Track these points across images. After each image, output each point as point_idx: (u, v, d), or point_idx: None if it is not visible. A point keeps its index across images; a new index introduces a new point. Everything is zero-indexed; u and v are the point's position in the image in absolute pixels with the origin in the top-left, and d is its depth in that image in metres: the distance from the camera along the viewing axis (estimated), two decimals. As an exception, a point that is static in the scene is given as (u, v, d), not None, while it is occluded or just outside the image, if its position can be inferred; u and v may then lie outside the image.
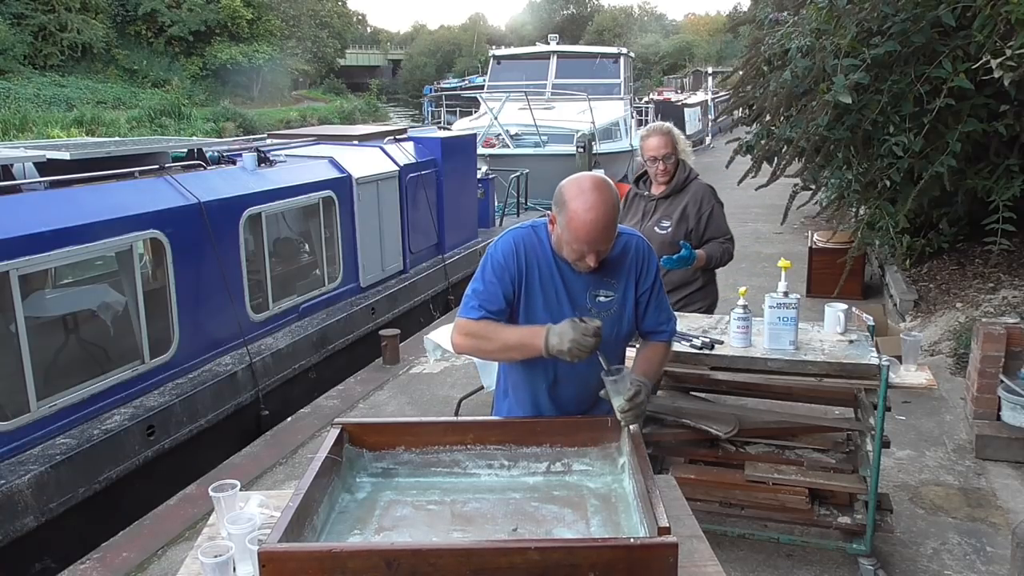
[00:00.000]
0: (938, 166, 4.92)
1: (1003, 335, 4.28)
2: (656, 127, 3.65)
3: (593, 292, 2.14)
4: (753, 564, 3.28)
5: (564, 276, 2.14)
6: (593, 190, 1.99)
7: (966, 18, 4.63)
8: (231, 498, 1.92)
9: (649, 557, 1.53)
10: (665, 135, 3.58)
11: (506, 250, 2.14)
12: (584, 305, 2.14)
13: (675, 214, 3.58)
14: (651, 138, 3.57)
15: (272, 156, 6.52)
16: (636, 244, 2.21)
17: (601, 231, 1.99)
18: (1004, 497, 3.82)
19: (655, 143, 3.57)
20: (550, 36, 19.08)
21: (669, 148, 3.57)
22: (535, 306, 2.14)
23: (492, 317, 2.12)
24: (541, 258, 2.14)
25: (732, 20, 29.32)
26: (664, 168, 3.57)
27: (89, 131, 26.66)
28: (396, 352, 6.17)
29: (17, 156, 4.91)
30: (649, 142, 3.58)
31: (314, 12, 50.27)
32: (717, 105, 29.95)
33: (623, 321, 2.21)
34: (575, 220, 1.98)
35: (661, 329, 2.30)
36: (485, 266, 2.16)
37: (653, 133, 3.59)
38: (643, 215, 3.63)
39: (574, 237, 2.01)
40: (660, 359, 2.32)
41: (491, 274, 2.14)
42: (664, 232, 3.56)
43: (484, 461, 2.07)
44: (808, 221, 9.71)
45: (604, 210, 1.98)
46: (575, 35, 56.46)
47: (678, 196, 3.61)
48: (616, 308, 2.18)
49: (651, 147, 3.57)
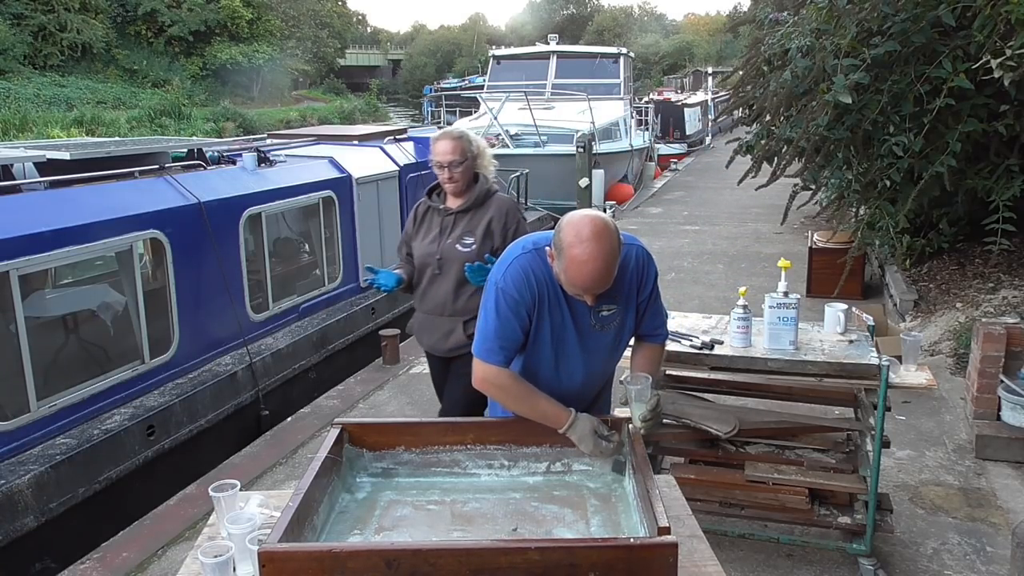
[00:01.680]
0: (938, 166, 4.92)
1: (1003, 335, 4.28)
2: (448, 131, 3.25)
3: (596, 309, 2.13)
4: (753, 564, 3.28)
5: (569, 300, 2.12)
6: (592, 239, 1.91)
7: (966, 18, 4.63)
8: (231, 498, 1.92)
9: (649, 557, 1.54)
10: (456, 140, 3.16)
11: (518, 283, 2.09)
12: (589, 323, 2.15)
13: (478, 230, 3.18)
14: (440, 142, 3.15)
15: (272, 156, 6.52)
16: (636, 255, 2.18)
17: (599, 280, 1.96)
18: (1004, 497, 3.82)
19: (443, 147, 3.14)
20: (550, 36, 19.05)
21: (458, 154, 3.13)
22: (544, 331, 2.15)
23: (512, 357, 2.14)
24: (549, 285, 2.11)
25: (732, 20, 29.33)
26: (450, 176, 3.14)
27: (89, 131, 26.64)
28: (396, 352, 6.17)
29: (17, 156, 4.91)
30: (437, 146, 3.15)
31: (314, 12, 50.25)
32: (717, 105, 29.94)
33: (625, 331, 2.25)
34: (572, 267, 1.95)
35: (657, 332, 2.35)
36: (499, 300, 2.10)
37: (443, 136, 3.17)
38: (441, 230, 3.21)
39: (570, 282, 1.99)
40: (659, 360, 2.37)
41: (506, 310, 2.09)
42: (468, 250, 3.15)
43: (484, 461, 2.07)
44: (808, 221, 9.71)
45: (603, 261, 1.93)
46: (575, 35, 56.43)
47: (480, 211, 3.21)
48: (619, 320, 2.19)
49: (438, 151, 3.15)
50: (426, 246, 3.23)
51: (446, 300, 3.22)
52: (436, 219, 3.25)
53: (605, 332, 2.18)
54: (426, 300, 3.28)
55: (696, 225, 11.83)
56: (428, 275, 3.23)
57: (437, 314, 3.25)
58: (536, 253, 2.11)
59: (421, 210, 3.32)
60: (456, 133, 3.21)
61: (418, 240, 3.27)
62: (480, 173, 3.26)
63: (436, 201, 3.29)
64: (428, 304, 3.27)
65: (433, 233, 3.23)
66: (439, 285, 3.21)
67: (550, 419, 2.07)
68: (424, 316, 3.31)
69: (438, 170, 3.16)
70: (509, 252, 2.17)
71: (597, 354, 2.22)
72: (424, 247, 3.23)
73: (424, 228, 3.28)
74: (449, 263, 3.17)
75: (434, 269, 3.20)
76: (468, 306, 3.15)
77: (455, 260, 3.16)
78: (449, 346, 3.24)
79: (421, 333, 3.37)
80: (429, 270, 3.22)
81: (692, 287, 8.17)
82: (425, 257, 3.22)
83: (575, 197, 12.36)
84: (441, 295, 3.22)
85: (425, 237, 3.24)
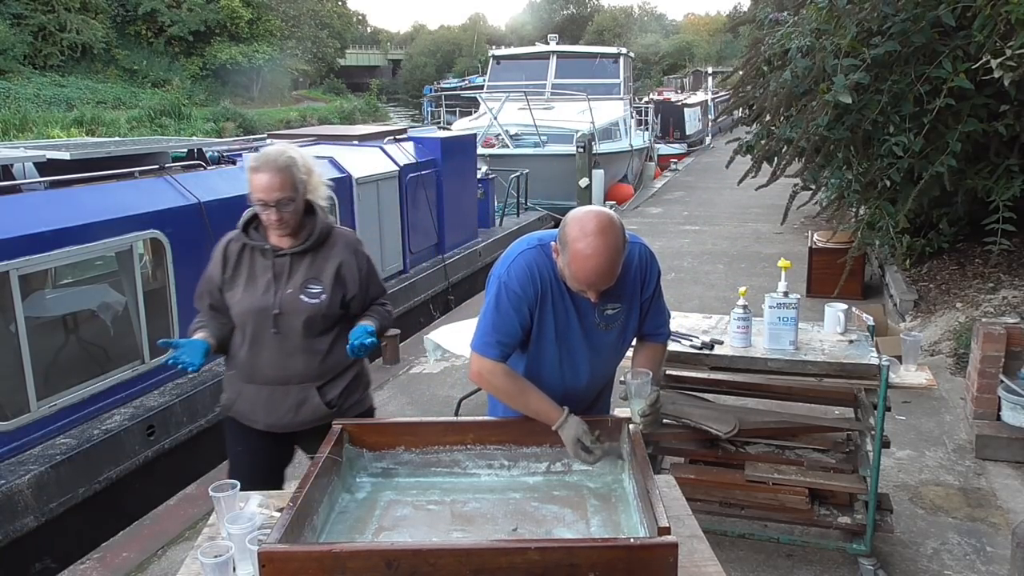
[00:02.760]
0: (938, 166, 4.92)
1: (1003, 335, 4.28)
2: (268, 159, 2.41)
3: (601, 307, 2.14)
4: (753, 564, 3.28)
5: (574, 297, 2.12)
6: (597, 234, 1.91)
7: (966, 18, 4.63)
8: (231, 498, 1.92)
9: (649, 557, 1.54)
10: (282, 171, 2.40)
11: (521, 279, 2.08)
12: (593, 321, 2.15)
13: (325, 275, 2.53)
14: (260, 174, 2.39)
15: (272, 156, 6.51)
16: (639, 253, 2.19)
17: (603, 276, 1.96)
18: (1004, 497, 3.82)
19: (265, 181, 2.39)
20: (550, 36, 19.07)
21: (287, 190, 2.41)
22: (547, 328, 2.14)
23: (508, 352, 2.14)
24: (553, 282, 2.10)
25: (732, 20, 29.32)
26: (279, 218, 2.43)
27: (89, 131, 26.65)
28: (396, 352, 6.17)
29: (17, 156, 4.91)
30: (258, 179, 2.40)
31: (314, 12, 50.23)
32: (717, 105, 29.95)
33: (628, 330, 2.25)
34: (576, 262, 1.94)
35: (660, 332, 2.34)
36: (500, 294, 2.09)
37: (264, 167, 2.40)
38: (275, 276, 2.49)
39: (574, 278, 1.99)
40: (660, 359, 2.37)
41: (507, 305, 2.09)
42: (316, 301, 2.49)
43: (484, 461, 2.08)
44: (808, 221, 9.71)
45: (607, 256, 1.93)
46: (575, 35, 56.41)
47: (323, 251, 2.55)
48: (623, 319, 2.20)
49: (260, 187, 2.40)
50: (255, 298, 2.48)
51: (292, 365, 2.51)
52: (262, 262, 2.51)
53: (609, 331, 2.18)
54: (259, 367, 2.52)
55: (696, 225, 11.83)
56: (259, 335, 2.49)
57: (279, 383, 2.53)
58: (541, 249, 2.11)
59: (234, 249, 2.53)
60: (281, 161, 2.42)
61: (237, 290, 2.50)
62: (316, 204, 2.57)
63: (257, 238, 2.52)
64: (263, 371, 2.52)
65: (262, 281, 2.49)
66: (278, 347, 2.50)
67: (542, 416, 2.08)
68: (255, 388, 2.54)
69: (260, 209, 2.44)
70: (514, 248, 2.17)
71: (602, 353, 2.22)
72: (250, 300, 2.49)
73: (244, 274, 2.51)
74: (292, 318, 2.48)
75: (270, 327, 2.47)
76: (324, 368, 2.55)
77: (300, 314, 2.48)
78: (302, 419, 2.55)
79: (253, 409, 2.57)
80: (260, 329, 2.49)
81: (692, 287, 8.17)
82: (253, 313, 2.48)
83: (575, 197, 12.37)
84: (282, 359, 2.51)
85: (249, 286, 2.49)
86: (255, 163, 2.43)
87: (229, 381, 2.63)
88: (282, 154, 2.44)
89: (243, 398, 2.58)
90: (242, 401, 2.59)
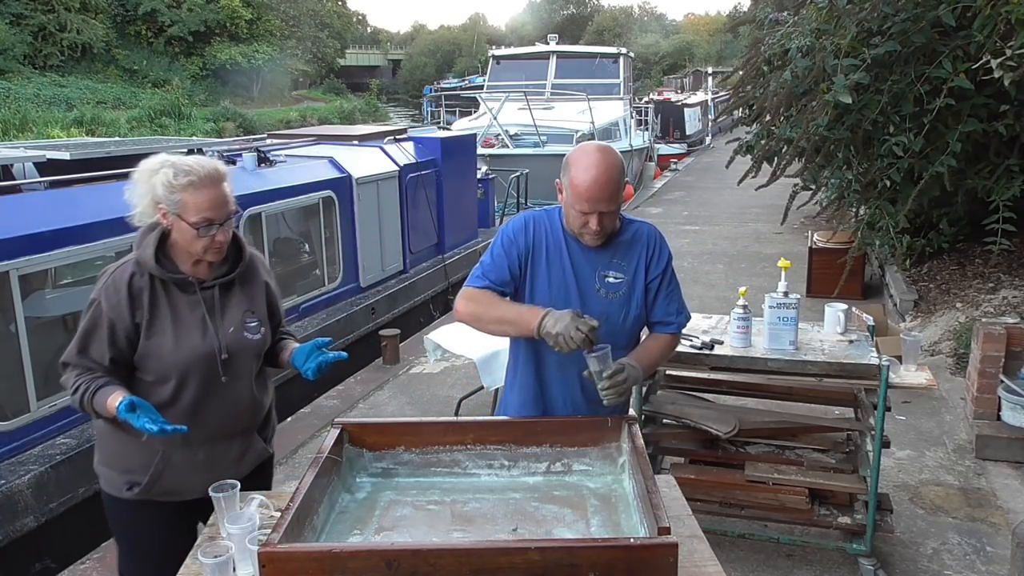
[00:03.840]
0: (938, 166, 4.93)
1: (1003, 335, 4.28)
2: (204, 172, 2.06)
3: (603, 273, 2.17)
4: (753, 564, 3.28)
5: (573, 256, 2.17)
6: (595, 151, 2.08)
7: (966, 18, 4.63)
8: (231, 498, 1.92)
9: (649, 557, 1.53)
10: (224, 182, 2.10)
11: (516, 226, 2.21)
12: (593, 286, 2.17)
13: (259, 306, 2.26)
14: (205, 189, 2.04)
15: (272, 156, 6.52)
16: (648, 231, 2.25)
17: (602, 187, 2.03)
18: (1004, 497, 3.82)
19: (213, 196, 2.05)
20: (550, 36, 19.07)
21: (232, 204, 2.12)
22: (540, 283, 2.18)
23: (495, 288, 2.17)
24: (551, 236, 2.19)
25: (732, 20, 29.34)
26: (224, 240, 2.11)
27: (89, 131, 26.64)
28: (396, 352, 6.17)
29: (17, 156, 4.92)
30: (203, 196, 2.04)
31: (314, 12, 50.25)
32: (717, 105, 29.94)
33: (631, 304, 2.21)
34: (576, 178, 2.05)
35: (669, 320, 2.27)
36: (495, 241, 2.23)
37: (206, 181, 2.05)
38: (208, 313, 2.13)
39: (576, 196, 2.06)
40: (661, 350, 2.29)
41: (499, 248, 2.20)
42: (259, 337, 2.23)
43: (484, 461, 2.07)
44: (808, 221, 9.71)
45: (605, 167, 2.04)
46: (575, 35, 56.41)
47: (247, 277, 2.26)
48: (625, 290, 2.20)
49: (207, 204, 2.04)
50: (195, 343, 2.09)
51: (240, 413, 2.21)
52: (184, 299, 2.11)
53: (611, 300, 2.18)
54: (202, 423, 2.12)
55: (696, 225, 11.84)
56: (205, 386, 2.11)
57: (223, 437, 2.19)
58: (545, 212, 2.24)
59: (141, 285, 2.07)
60: (218, 170, 2.09)
61: (163, 336, 2.07)
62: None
63: (169, 269, 2.11)
64: (208, 427, 2.14)
65: (192, 321, 2.11)
66: (225, 396, 2.15)
67: (523, 318, 2.06)
68: (191, 450, 2.13)
69: (204, 231, 2.05)
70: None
71: (603, 323, 2.12)
72: (190, 346, 2.09)
73: (165, 315, 2.09)
74: (240, 361, 2.17)
75: (219, 375, 2.12)
76: (262, 408, 2.30)
77: (248, 354, 2.19)
78: (244, 469, 2.24)
79: (188, 476, 2.14)
80: (207, 378, 2.11)
81: (692, 287, 8.17)
82: (198, 360, 2.09)
83: (575, 197, 12.34)
84: (230, 409, 2.18)
85: (179, 329, 2.09)
86: (193, 177, 2.02)
87: (143, 452, 2.09)
88: (207, 163, 2.08)
89: (172, 468, 2.12)
90: (171, 472, 2.13)
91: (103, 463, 2.21)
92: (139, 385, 2.10)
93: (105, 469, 2.20)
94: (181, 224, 2.06)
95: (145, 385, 2.10)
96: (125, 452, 2.13)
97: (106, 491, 2.20)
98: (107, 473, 2.19)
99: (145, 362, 2.09)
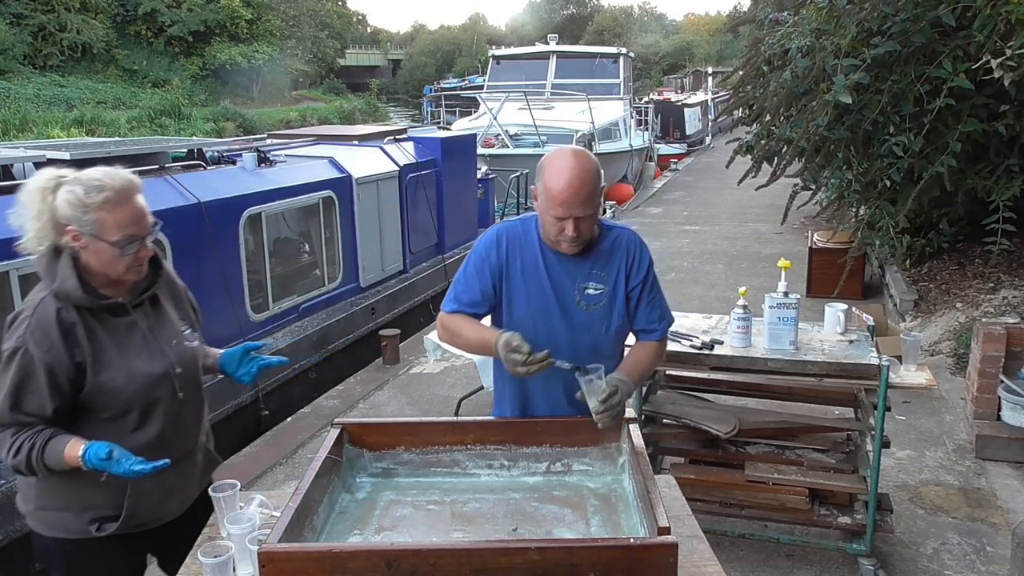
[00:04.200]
0: (938, 166, 4.93)
1: (1003, 335, 4.28)
2: (121, 185, 1.90)
3: (582, 284, 2.12)
4: (753, 564, 3.28)
5: (550, 268, 2.12)
6: (569, 155, 2.03)
7: (966, 18, 4.63)
8: (231, 498, 1.92)
9: (649, 557, 1.53)
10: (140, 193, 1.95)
11: (488, 243, 2.16)
12: (573, 298, 2.12)
13: (186, 311, 2.17)
14: (125, 204, 1.89)
15: (272, 156, 6.52)
16: (628, 237, 2.20)
17: (576, 190, 1.97)
18: (1004, 497, 3.82)
19: (134, 210, 1.91)
20: (550, 36, 19.06)
21: (151, 216, 1.97)
22: (518, 299, 2.14)
23: (467, 311, 2.16)
24: (525, 248, 2.13)
25: (732, 20, 29.35)
26: (146, 254, 1.97)
27: (89, 131, 26.63)
28: (396, 352, 6.17)
29: (17, 156, 4.91)
30: (125, 212, 1.88)
31: (314, 12, 50.24)
32: (717, 105, 29.94)
33: (613, 315, 2.17)
34: (550, 182, 2.00)
35: (652, 328, 2.23)
36: (468, 258, 2.19)
37: (124, 196, 1.89)
38: (150, 331, 2.00)
39: (550, 200, 2.00)
40: (649, 360, 2.26)
41: (472, 267, 2.17)
42: (197, 343, 2.14)
43: (484, 461, 2.07)
44: (808, 221, 9.71)
45: (579, 171, 1.99)
46: (575, 35, 56.40)
47: (164, 282, 2.13)
48: (606, 301, 2.15)
49: (129, 220, 1.89)
50: (148, 365, 1.96)
51: (197, 426, 2.15)
52: (116, 323, 1.95)
53: (592, 311, 2.13)
54: (176, 441, 2.04)
55: (696, 225, 11.83)
56: (165, 407, 2.00)
57: (190, 453, 2.12)
58: (520, 222, 2.19)
59: (68, 321, 1.86)
60: (134, 183, 1.94)
61: (111, 368, 1.91)
62: None
63: (96, 296, 1.92)
64: (179, 445, 2.05)
65: (134, 343, 1.97)
66: (183, 412, 2.06)
67: (484, 344, 2.08)
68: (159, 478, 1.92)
69: (127, 249, 1.89)
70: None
71: (584, 335, 2.14)
72: (146, 370, 1.96)
73: (108, 345, 1.92)
74: (190, 372, 2.08)
75: (175, 393, 2.02)
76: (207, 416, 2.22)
77: (195, 363, 2.11)
78: (207, 474, 2.21)
79: (161, 503, 2.05)
80: (165, 399, 2.00)
81: (692, 287, 8.17)
82: (153, 383, 1.97)
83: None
84: (190, 424, 2.10)
85: (126, 355, 1.94)
86: (109, 193, 1.85)
87: (107, 488, 1.92)
88: (116, 175, 1.91)
89: (145, 497, 1.99)
90: (145, 501, 1.99)
91: (49, 507, 1.98)
92: (94, 425, 1.91)
93: (54, 513, 1.98)
94: (99, 245, 1.87)
95: (102, 423, 1.92)
96: (84, 491, 1.94)
97: (55, 536, 1.99)
98: (57, 517, 1.98)
99: (98, 400, 1.91)
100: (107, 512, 1.97)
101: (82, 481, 1.89)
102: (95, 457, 1.79)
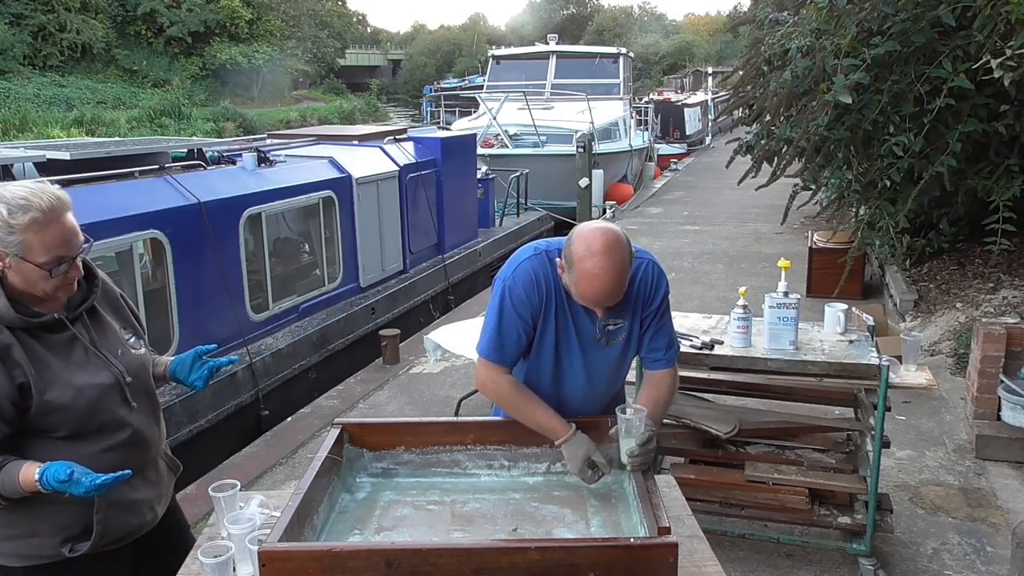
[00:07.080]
0: (938, 166, 4.93)
1: (1003, 335, 4.28)
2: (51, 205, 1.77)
3: (603, 323, 2.09)
4: (753, 564, 3.28)
5: (573, 309, 2.08)
6: (603, 253, 1.88)
7: (966, 18, 4.63)
8: (231, 498, 1.92)
9: (649, 557, 1.54)
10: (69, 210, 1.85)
11: (527, 285, 2.05)
12: (593, 336, 2.11)
13: (126, 318, 2.08)
14: (55, 224, 1.78)
15: (272, 156, 6.53)
16: (644, 269, 2.11)
17: (610, 295, 1.93)
18: (1004, 497, 3.82)
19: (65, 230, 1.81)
20: (549, 36, 19.06)
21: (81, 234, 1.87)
22: (548, 337, 2.11)
23: (508, 363, 2.11)
24: (555, 291, 2.06)
25: (732, 20, 29.35)
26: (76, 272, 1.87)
27: (89, 131, 26.64)
28: (396, 352, 6.17)
29: (17, 156, 4.91)
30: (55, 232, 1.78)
31: (314, 12, 50.24)
32: (717, 105, 29.94)
33: (630, 347, 2.18)
34: (583, 281, 1.91)
35: (658, 357, 2.19)
36: (504, 299, 2.07)
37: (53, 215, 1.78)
38: (92, 344, 1.92)
39: (581, 295, 1.96)
40: (666, 396, 2.19)
41: (511, 309, 2.06)
42: (142, 351, 2.07)
43: (484, 461, 2.07)
44: (808, 221, 9.71)
45: (614, 275, 1.90)
46: (575, 35, 56.41)
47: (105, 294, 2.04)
48: (625, 335, 2.14)
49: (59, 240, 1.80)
50: (95, 378, 1.89)
51: (156, 431, 2.07)
52: (55, 339, 1.87)
53: (610, 346, 2.14)
54: (136, 452, 1.97)
55: (696, 225, 11.83)
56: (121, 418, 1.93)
57: (153, 461, 2.06)
58: (545, 255, 2.06)
59: (4, 344, 1.78)
60: (63, 201, 1.81)
61: (56, 385, 1.82)
62: None
63: (29, 315, 1.83)
64: (140, 455, 1.98)
65: (76, 358, 1.89)
66: (142, 419, 1.99)
67: (546, 431, 2.04)
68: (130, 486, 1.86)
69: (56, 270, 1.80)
70: (519, 254, 2.12)
71: (600, 369, 2.17)
72: (94, 383, 1.88)
73: (50, 363, 1.84)
74: (140, 380, 2.01)
75: (129, 400, 1.95)
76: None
77: (144, 370, 2.04)
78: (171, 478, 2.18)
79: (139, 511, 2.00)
80: (119, 411, 1.93)
81: (692, 287, 8.17)
82: (104, 395, 1.89)
83: (575, 197, 12.37)
84: (149, 430, 2.02)
85: (70, 372, 1.86)
86: (36, 214, 1.74)
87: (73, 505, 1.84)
88: (43, 192, 1.78)
89: (115, 508, 1.91)
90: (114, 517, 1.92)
91: (16, 536, 1.88)
92: (49, 445, 1.83)
93: (22, 542, 1.88)
94: (25, 266, 1.78)
95: (56, 443, 1.84)
96: (51, 512, 1.86)
97: (27, 565, 1.90)
98: (26, 544, 1.89)
99: (48, 420, 1.82)
100: (77, 530, 1.90)
101: (47, 502, 1.82)
102: (54, 479, 1.70)
